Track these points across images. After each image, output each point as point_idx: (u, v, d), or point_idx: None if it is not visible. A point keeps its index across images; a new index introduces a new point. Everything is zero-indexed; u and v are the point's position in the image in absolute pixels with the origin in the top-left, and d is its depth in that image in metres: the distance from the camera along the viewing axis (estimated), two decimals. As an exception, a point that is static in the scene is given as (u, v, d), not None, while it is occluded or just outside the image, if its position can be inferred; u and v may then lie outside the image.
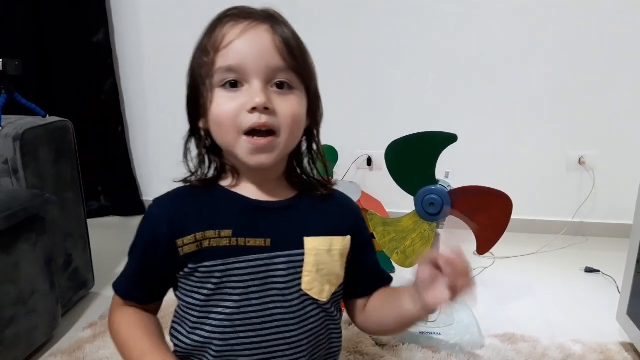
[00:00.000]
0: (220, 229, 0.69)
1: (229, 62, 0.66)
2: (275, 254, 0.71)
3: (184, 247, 0.69)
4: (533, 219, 2.25)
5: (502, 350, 1.41)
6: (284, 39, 0.68)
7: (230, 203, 0.72)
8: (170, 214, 0.71)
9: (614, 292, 1.72)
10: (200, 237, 0.69)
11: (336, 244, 0.75)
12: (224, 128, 0.68)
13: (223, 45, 0.67)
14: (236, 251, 0.69)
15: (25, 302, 1.31)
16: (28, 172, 1.39)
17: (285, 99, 0.69)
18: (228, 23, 0.68)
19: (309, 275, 0.72)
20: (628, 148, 2.12)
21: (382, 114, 2.28)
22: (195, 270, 0.70)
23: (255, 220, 0.71)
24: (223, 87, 0.68)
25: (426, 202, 1.36)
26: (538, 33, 2.11)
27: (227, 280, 0.69)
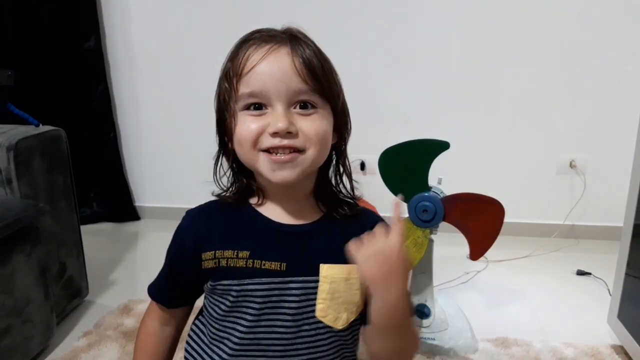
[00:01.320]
0: (239, 250, 0.71)
1: (251, 88, 0.67)
2: (290, 279, 0.71)
3: (205, 262, 0.72)
4: (525, 222, 2.27)
5: (495, 354, 1.42)
6: (304, 61, 0.68)
7: (253, 223, 0.73)
8: (197, 227, 0.74)
9: (605, 295, 1.74)
10: (219, 255, 0.71)
11: (355, 272, 0.71)
12: (244, 147, 0.69)
13: (245, 71, 0.67)
14: (251, 273, 0.70)
15: (20, 313, 1.30)
16: (22, 182, 1.39)
17: (309, 118, 0.68)
18: (250, 47, 0.69)
19: (323, 303, 0.71)
20: (618, 151, 2.14)
21: (375, 118, 2.29)
22: (214, 287, 0.73)
23: (274, 243, 0.72)
24: (247, 109, 0.69)
25: (419, 209, 1.37)
26: (528, 38, 2.13)
27: (242, 300, 0.71)
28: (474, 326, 1.50)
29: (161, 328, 0.82)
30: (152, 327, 0.83)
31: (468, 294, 1.79)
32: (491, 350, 1.44)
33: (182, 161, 2.46)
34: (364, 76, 2.25)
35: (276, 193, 0.74)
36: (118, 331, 1.54)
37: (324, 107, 0.70)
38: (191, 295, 0.80)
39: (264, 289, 0.70)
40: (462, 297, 1.72)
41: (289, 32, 0.72)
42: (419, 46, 2.20)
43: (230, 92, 0.69)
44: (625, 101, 2.08)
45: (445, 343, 1.44)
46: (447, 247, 1.61)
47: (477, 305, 1.72)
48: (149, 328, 0.83)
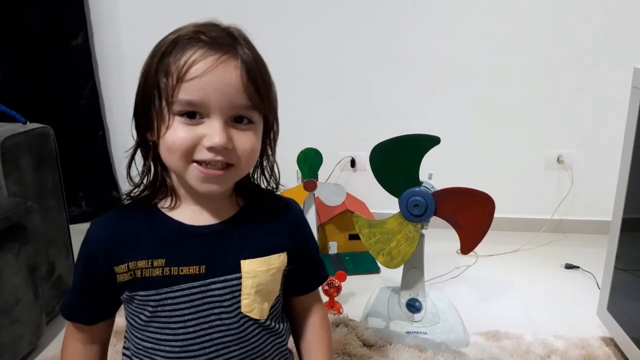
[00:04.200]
0: (153, 258, 0.69)
1: (191, 97, 0.64)
2: (211, 281, 0.70)
3: (120, 275, 0.69)
4: (513, 217, 2.29)
5: (486, 347, 1.43)
6: (250, 77, 0.66)
7: (165, 229, 0.71)
8: (106, 239, 0.70)
9: (594, 288, 1.76)
10: (133, 267, 0.69)
11: (274, 262, 0.74)
12: (175, 155, 0.66)
13: (188, 77, 0.63)
14: (169, 281, 0.69)
15: (9, 312, 1.29)
16: (9, 180, 1.38)
17: (245, 134, 0.67)
18: (197, 51, 0.64)
19: (248, 298, 0.72)
20: (605, 146, 2.17)
21: (365, 115, 2.29)
22: (131, 298, 0.71)
23: (190, 247, 0.70)
24: (181, 116, 0.65)
25: (410, 204, 1.38)
26: (517, 35, 2.14)
27: (162, 309, 0.69)
28: (465, 320, 1.51)
29: (86, 349, 0.76)
30: (76, 350, 0.76)
31: (458, 288, 1.80)
32: (482, 344, 1.45)
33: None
34: (352, 73, 2.25)
35: (191, 196, 0.72)
36: (109, 330, 1.53)
37: (259, 121, 0.70)
38: (110, 308, 0.76)
39: (185, 295, 0.69)
40: (452, 291, 1.72)
41: (233, 36, 0.69)
42: (408, 42, 2.20)
43: (165, 91, 0.65)
44: (612, 97, 2.10)
45: (436, 337, 1.45)
46: (437, 242, 1.62)
47: (467, 299, 1.73)
48: (73, 352, 0.76)
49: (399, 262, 1.43)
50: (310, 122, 2.31)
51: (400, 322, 1.49)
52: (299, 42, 2.24)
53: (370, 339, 1.44)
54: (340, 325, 1.48)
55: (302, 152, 1.85)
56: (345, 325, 1.49)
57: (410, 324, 1.48)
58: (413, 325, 1.48)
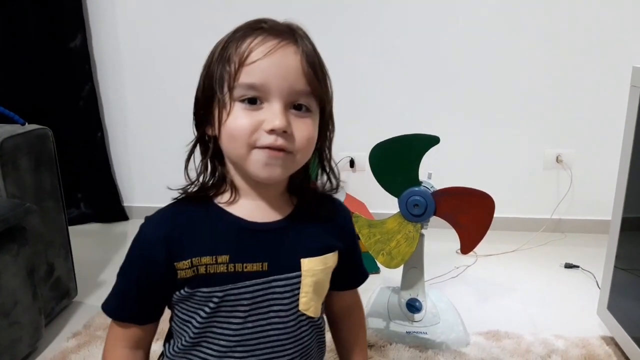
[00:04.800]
0: (217, 255, 0.68)
1: (253, 80, 0.65)
2: (273, 278, 0.70)
3: (181, 271, 0.68)
4: (513, 217, 2.29)
5: (487, 347, 1.43)
6: (310, 63, 0.67)
7: (226, 225, 0.70)
8: (166, 236, 0.69)
9: (594, 287, 1.76)
10: (197, 263, 0.67)
11: (329, 261, 0.75)
12: (237, 142, 0.66)
13: (250, 60, 0.65)
14: (234, 277, 0.68)
15: (7, 314, 1.29)
16: (8, 181, 1.37)
17: (303, 122, 0.67)
18: (257, 37, 0.66)
19: (306, 296, 0.72)
20: (604, 145, 2.17)
21: (364, 116, 2.29)
22: (192, 294, 0.69)
23: (252, 244, 0.70)
24: (242, 102, 0.66)
25: (410, 204, 1.37)
26: (516, 35, 2.15)
27: (225, 305, 0.69)
28: (465, 320, 1.51)
29: (134, 354, 0.74)
30: (124, 356, 0.74)
31: (458, 288, 1.80)
32: (483, 344, 1.45)
33: (171, 161, 2.43)
34: (352, 73, 2.25)
35: (251, 190, 0.72)
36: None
37: (316, 111, 0.70)
38: (163, 306, 0.74)
39: (249, 292, 0.69)
40: (452, 291, 1.72)
41: (292, 28, 0.71)
42: (408, 43, 2.20)
43: (227, 78, 0.66)
44: (610, 97, 2.10)
45: (437, 337, 1.45)
46: (436, 242, 1.62)
47: (467, 299, 1.73)
48: (120, 357, 0.74)
49: (399, 262, 1.43)
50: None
51: (401, 322, 1.48)
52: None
53: (371, 339, 1.44)
54: (340, 326, 1.48)
55: (301, 153, 1.85)
56: (345, 325, 1.48)
57: (410, 324, 1.47)
58: (413, 325, 1.47)
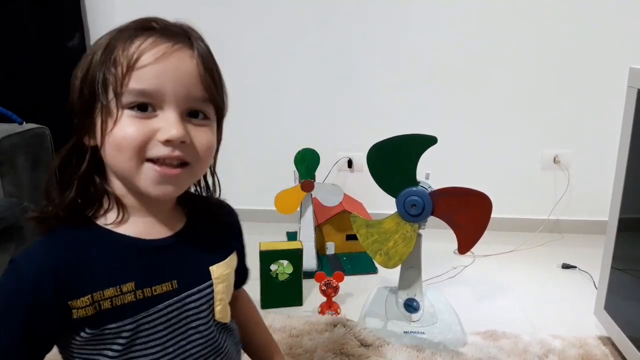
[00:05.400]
0: (122, 284, 0.60)
1: (144, 85, 0.58)
2: (186, 294, 0.66)
3: (78, 310, 0.59)
4: (510, 218, 2.29)
5: (484, 347, 1.43)
6: (207, 68, 0.62)
7: (121, 248, 0.62)
8: (52, 270, 0.58)
9: (591, 288, 1.76)
10: (99, 298, 0.59)
11: (233, 262, 0.73)
12: (126, 154, 0.59)
13: (140, 64, 0.58)
14: (144, 304, 0.62)
15: (5, 313, 1.28)
16: (5, 180, 1.37)
17: (201, 129, 0.63)
18: (149, 39, 0.60)
19: (221, 303, 0.69)
20: (601, 146, 2.17)
21: (362, 116, 2.29)
22: (95, 335, 0.60)
23: (157, 264, 0.64)
24: (131, 109, 0.59)
25: (408, 204, 1.38)
26: (513, 35, 2.15)
27: (140, 337, 0.62)
28: (462, 320, 1.51)
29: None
30: None
31: (456, 288, 1.80)
32: (480, 344, 1.45)
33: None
34: (350, 74, 2.25)
35: (141, 206, 0.64)
36: (105, 331, 1.52)
37: (213, 119, 0.65)
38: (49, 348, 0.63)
39: (163, 315, 0.64)
40: (450, 291, 1.72)
41: (185, 29, 0.65)
42: (405, 43, 2.20)
43: (113, 82, 0.59)
44: (607, 97, 2.11)
45: (434, 337, 1.45)
46: (434, 242, 1.62)
47: (465, 299, 1.73)
48: None
49: (397, 262, 1.43)
50: (307, 122, 2.31)
51: (398, 322, 1.48)
52: (298, 44, 2.24)
53: (368, 339, 1.44)
54: (338, 326, 1.48)
55: (299, 153, 1.85)
56: (342, 325, 1.49)
57: (407, 324, 1.48)
58: (411, 325, 1.47)
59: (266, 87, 2.28)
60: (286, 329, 1.49)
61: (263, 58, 2.23)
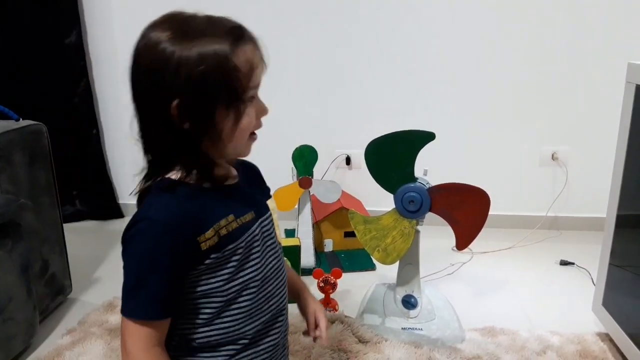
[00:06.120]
0: (226, 216, 0.78)
1: (257, 81, 0.77)
2: (260, 220, 0.84)
3: (207, 241, 0.74)
4: (508, 214, 2.29)
5: (482, 343, 1.43)
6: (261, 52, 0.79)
7: (218, 194, 0.80)
8: (185, 216, 0.74)
9: (589, 284, 1.76)
10: (217, 228, 0.76)
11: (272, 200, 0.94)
12: (244, 136, 0.78)
13: (253, 66, 0.76)
14: (243, 229, 0.80)
15: (2, 310, 1.28)
16: (2, 177, 1.37)
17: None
18: (245, 44, 0.76)
19: (278, 228, 0.91)
20: (599, 143, 2.17)
21: (360, 113, 2.29)
22: (217, 258, 0.76)
23: (239, 201, 0.83)
24: (249, 102, 0.77)
25: (406, 200, 1.38)
26: (511, 33, 2.15)
27: (248, 252, 0.80)
28: (460, 316, 1.51)
29: (161, 350, 0.74)
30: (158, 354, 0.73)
31: (454, 285, 1.80)
32: (478, 340, 1.45)
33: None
34: (348, 71, 2.25)
35: (222, 167, 0.83)
36: (103, 328, 1.52)
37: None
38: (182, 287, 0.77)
39: (257, 234, 0.82)
40: (448, 288, 1.72)
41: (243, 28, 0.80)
42: (403, 40, 2.20)
43: (240, 84, 0.74)
44: (605, 95, 2.11)
45: (432, 333, 1.45)
46: (432, 239, 1.62)
47: (463, 296, 1.73)
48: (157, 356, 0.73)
49: (395, 258, 1.43)
50: (305, 119, 2.30)
51: (396, 319, 1.48)
52: (296, 41, 2.24)
53: (366, 335, 1.44)
54: (336, 322, 1.48)
55: (297, 149, 1.85)
56: (340, 321, 1.49)
57: (405, 321, 1.48)
58: (409, 321, 1.47)
59: (264, 84, 2.27)
60: (284, 326, 1.49)
61: (261, 55, 2.22)
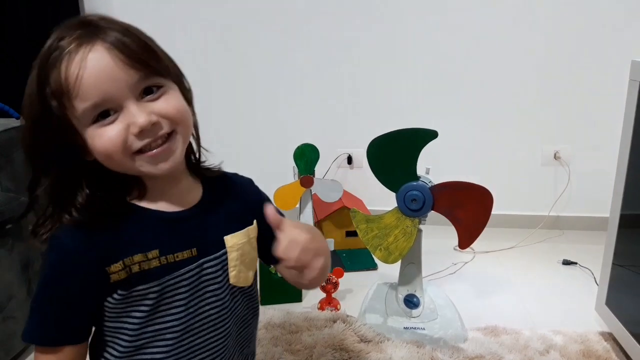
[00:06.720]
0: (147, 251, 0.68)
1: (91, 100, 0.62)
2: (203, 260, 0.73)
3: (113, 274, 0.67)
4: (510, 214, 2.28)
5: (485, 343, 1.42)
6: (123, 50, 0.63)
7: (147, 221, 0.70)
8: (90, 244, 0.67)
9: (592, 284, 1.75)
10: (129, 262, 0.67)
11: (251, 232, 0.78)
12: (116, 158, 0.64)
13: (72, 86, 0.61)
14: (168, 269, 0.69)
15: (2, 309, 1.27)
16: (2, 175, 1.36)
17: (161, 100, 0.66)
18: (64, 59, 0.62)
19: (235, 269, 0.76)
20: (602, 142, 2.16)
21: (362, 112, 2.28)
22: (126, 296, 0.68)
23: (177, 233, 0.71)
24: (94, 123, 0.64)
25: (408, 199, 1.37)
26: (513, 31, 2.14)
27: (163, 299, 0.70)
28: (463, 316, 1.50)
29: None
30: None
31: (456, 284, 1.80)
32: (481, 339, 1.44)
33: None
34: (350, 70, 2.24)
35: (157, 183, 0.71)
36: (104, 327, 1.51)
37: (168, 84, 0.68)
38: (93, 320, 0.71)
39: (185, 279, 0.71)
40: (450, 287, 1.72)
41: (90, 24, 0.65)
42: (406, 40, 2.19)
43: (64, 113, 0.63)
44: (607, 94, 2.10)
45: (434, 333, 1.44)
46: (434, 239, 1.61)
47: (465, 295, 1.73)
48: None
49: (397, 257, 1.42)
50: (307, 118, 2.30)
51: (398, 318, 1.48)
52: (298, 40, 2.23)
53: (368, 334, 1.44)
54: (338, 321, 1.48)
55: (298, 148, 1.84)
56: (342, 321, 1.48)
57: (408, 320, 1.47)
58: (411, 321, 1.47)
59: (266, 82, 2.27)
60: (286, 325, 1.48)
61: (263, 53, 2.22)
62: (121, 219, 0.69)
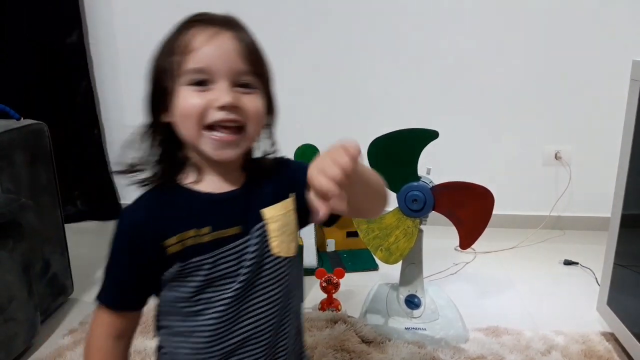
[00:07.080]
0: (200, 227, 0.75)
1: (198, 65, 0.71)
2: (248, 237, 0.78)
3: (170, 247, 0.74)
4: (511, 214, 2.28)
5: (486, 343, 1.42)
6: (246, 45, 0.74)
7: (199, 201, 0.77)
8: (149, 218, 0.75)
9: (593, 284, 1.75)
10: (184, 237, 0.74)
11: (288, 205, 0.82)
12: (189, 122, 0.72)
13: (191, 48, 0.72)
14: (219, 243, 0.76)
15: (3, 310, 1.27)
16: (3, 176, 1.36)
17: (249, 97, 0.74)
18: (194, 28, 0.73)
19: (277, 239, 0.80)
20: (603, 142, 2.15)
21: (363, 112, 2.28)
22: (183, 267, 0.75)
23: (225, 213, 0.78)
24: (190, 85, 0.72)
25: (409, 199, 1.37)
26: (514, 31, 2.14)
27: (215, 270, 0.76)
28: (464, 316, 1.50)
29: (117, 343, 0.79)
30: (107, 345, 0.78)
31: (457, 285, 1.79)
32: (482, 340, 1.44)
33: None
34: (351, 69, 2.24)
35: (212, 167, 0.78)
36: (104, 328, 1.51)
37: (260, 89, 0.76)
38: (152, 291, 0.79)
39: (233, 252, 0.77)
40: (451, 288, 1.71)
41: (228, 18, 0.77)
42: (406, 38, 2.19)
43: (174, 67, 0.72)
44: (609, 94, 2.09)
45: (436, 333, 1.44)
46: (435, 239, 1.61)
47: (466, 295, 1.72)
48: (104, 346, 0.78)
49: (398, 257, 1.42)
50: (307, 118, 2.29)
51: (399, 319, 1.47)
52: (299, 40, 2.23)
53: (369, 335, 1.43)
54: (339, 322, 1.47)
55: (299, 148, 1.84)
56: (343, 321, 1.48)
57: (409, 320, 1.47)
58: (412, 321, 1.46)
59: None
60: (286, 326, 1.48)
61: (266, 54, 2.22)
62: (177, 200, 0.77)
